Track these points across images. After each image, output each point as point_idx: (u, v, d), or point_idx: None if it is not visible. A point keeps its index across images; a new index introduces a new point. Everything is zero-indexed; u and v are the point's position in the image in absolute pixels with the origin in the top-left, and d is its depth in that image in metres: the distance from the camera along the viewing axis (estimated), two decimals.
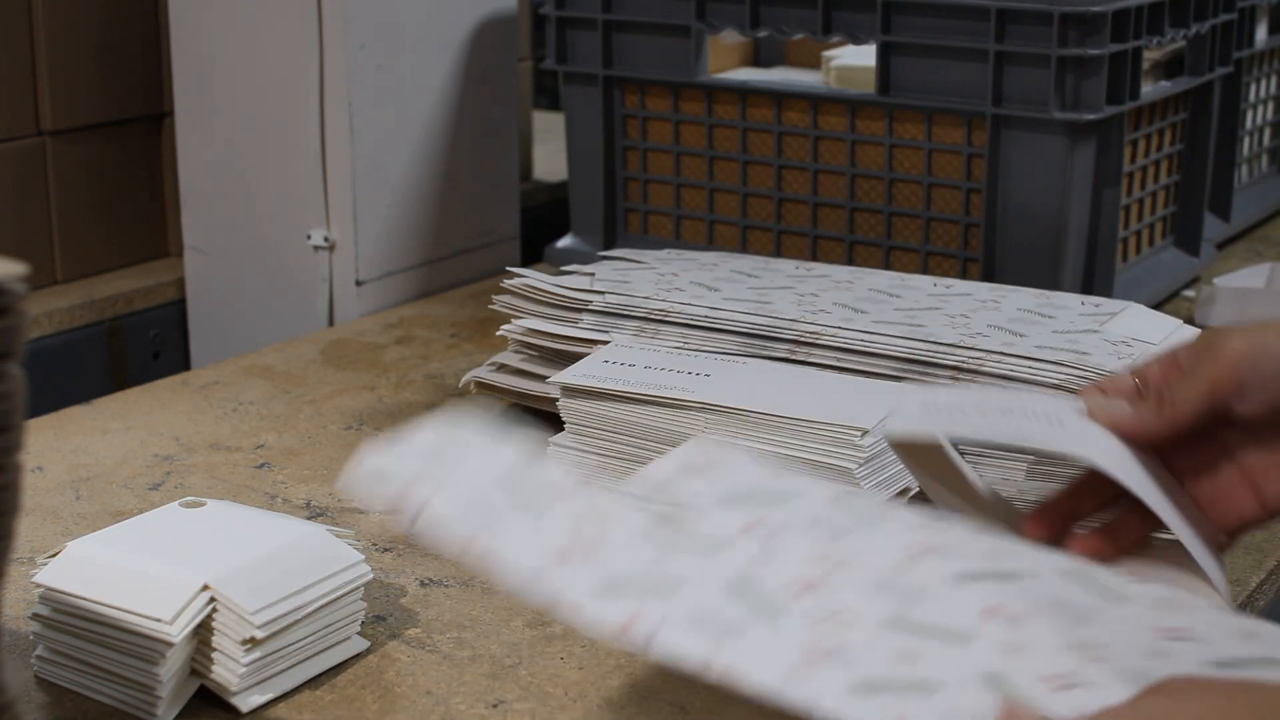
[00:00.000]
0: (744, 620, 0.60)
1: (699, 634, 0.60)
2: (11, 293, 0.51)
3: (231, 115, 1.45)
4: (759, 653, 0.59)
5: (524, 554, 0.63)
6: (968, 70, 1.22)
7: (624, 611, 0.60)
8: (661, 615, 0.60)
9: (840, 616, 0.60)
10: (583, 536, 0.64)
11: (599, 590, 0.61)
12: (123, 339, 1.54)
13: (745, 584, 0.62)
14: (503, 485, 0.65)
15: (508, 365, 1.10)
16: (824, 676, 0.57)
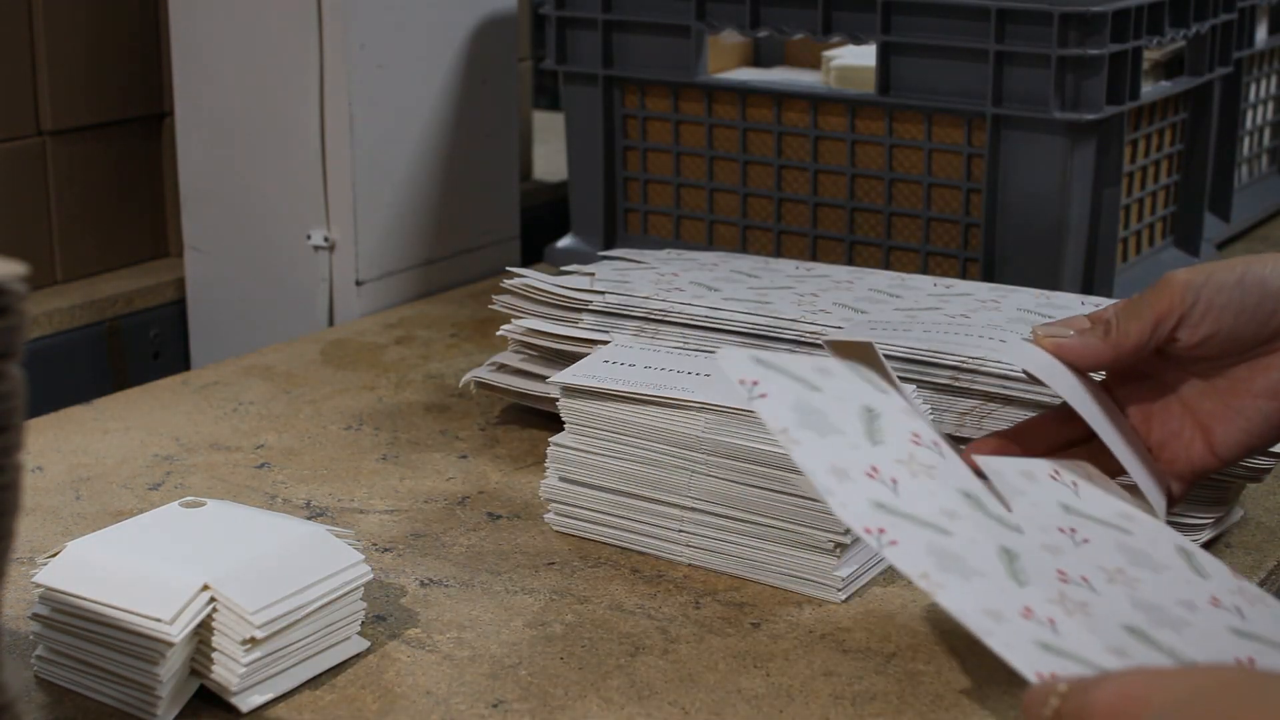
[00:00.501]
0: (991, 569, 0.65)
1: (938, 561, 0.64)
2: (11, 293, 0.51)
3: (231, 115, 1.45)
4: (979, 593, 0.64)
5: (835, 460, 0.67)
6: (968, 70, 1.22)
7: (873, 521, 0.65)
8: (911, 538, 0.65)
9: (1086, 608, 0.65)
10: (903, 465, 0.69)
11: (875, 506, 0.66)
12: (123, 339, 1.54)
13: (1012, 555, 0.67)
14: (865, 411, 0.70)
15: (508, 365, 1.10)
16: (1024, 629, 0.62)
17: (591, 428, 0.93)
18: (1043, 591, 0.65)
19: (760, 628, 0.84)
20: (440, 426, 1.12)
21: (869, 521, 0.65)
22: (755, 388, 0.68)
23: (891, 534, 0.65)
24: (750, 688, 0.78)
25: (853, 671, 0.80)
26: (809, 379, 0.70)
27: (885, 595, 0.88)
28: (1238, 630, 0.67)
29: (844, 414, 0.70)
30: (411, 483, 1.03)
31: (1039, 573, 0.66)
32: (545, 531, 0.95)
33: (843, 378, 0.72)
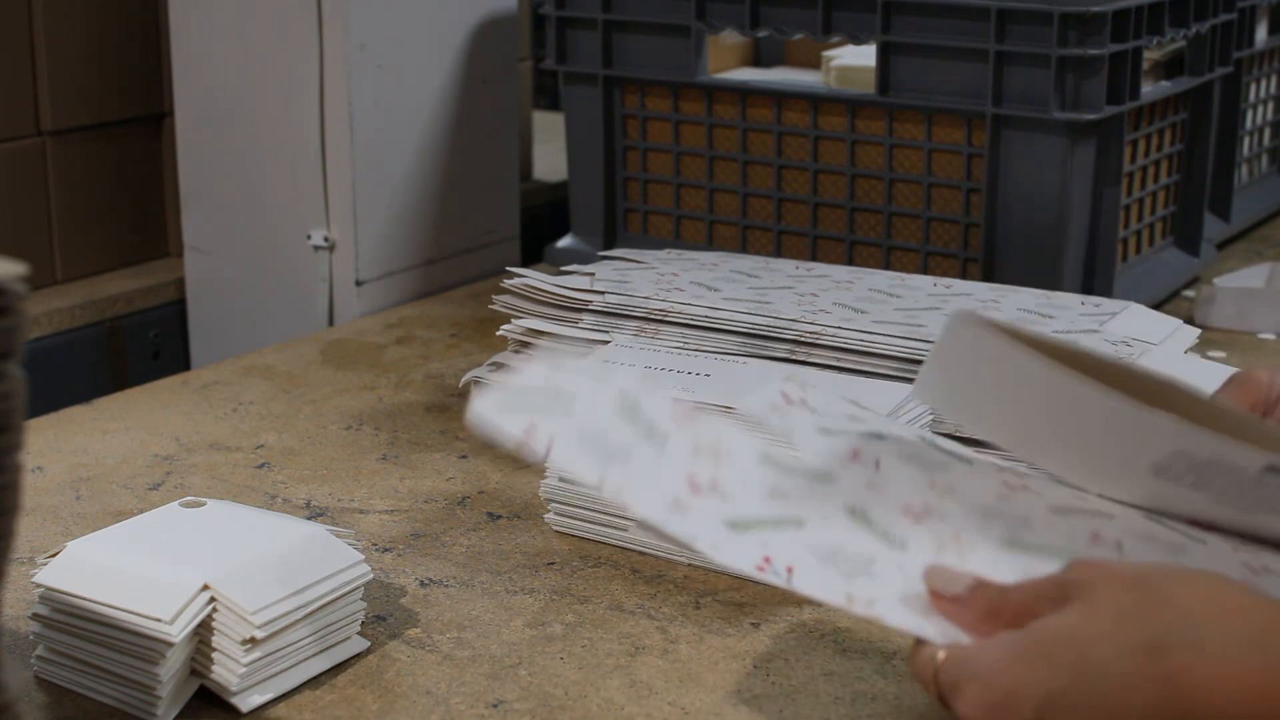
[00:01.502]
0: (873, 551, 0.64)
1: (833, 569, 0.63)
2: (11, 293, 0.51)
3: (231, 115, 1.45)
4: (889, 583, 0.63)
5: (653, 491, 0.64)
6: (968, 70, 1.22)
7: (756, 553, 0.63)
8: (792, 555, 0.63)
9: (960, 540, 0.64)
10: (705, 467, 0.65)
11: (729, 528, 0.63)
12: (123, 339, 1.54)
13: (863, 514, 0.65)
14: (621, 412, 0.66)
15: (508, 365, 1.10)
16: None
17: None
18: (919, 541, 0.64)
19: (760, 628, 0.84)
20: (440, 426, 1.12)
21: (749, 556, 0.62)
22: (543, 444, 0.64)
23: (779, 559, 0.63)
24: (750, 688, 0.78)
25: (853, 671, 0.80)
26: (565, 394, 0.66)
27: None
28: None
29: (615, 420, 0.66)
30: (411, 483, 1.03)
31: (888, 518, 0.65)
32: (545, 531, 0.95)
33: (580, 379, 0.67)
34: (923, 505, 0.65)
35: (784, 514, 0.64)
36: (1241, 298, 1.30)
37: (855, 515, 0.65)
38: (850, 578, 0.63)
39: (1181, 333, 1.04)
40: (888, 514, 0.65)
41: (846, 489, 0.66)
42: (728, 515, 0.64)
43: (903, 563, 0.63)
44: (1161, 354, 0.99)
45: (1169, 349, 1.01)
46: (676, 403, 0.67)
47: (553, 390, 0.65)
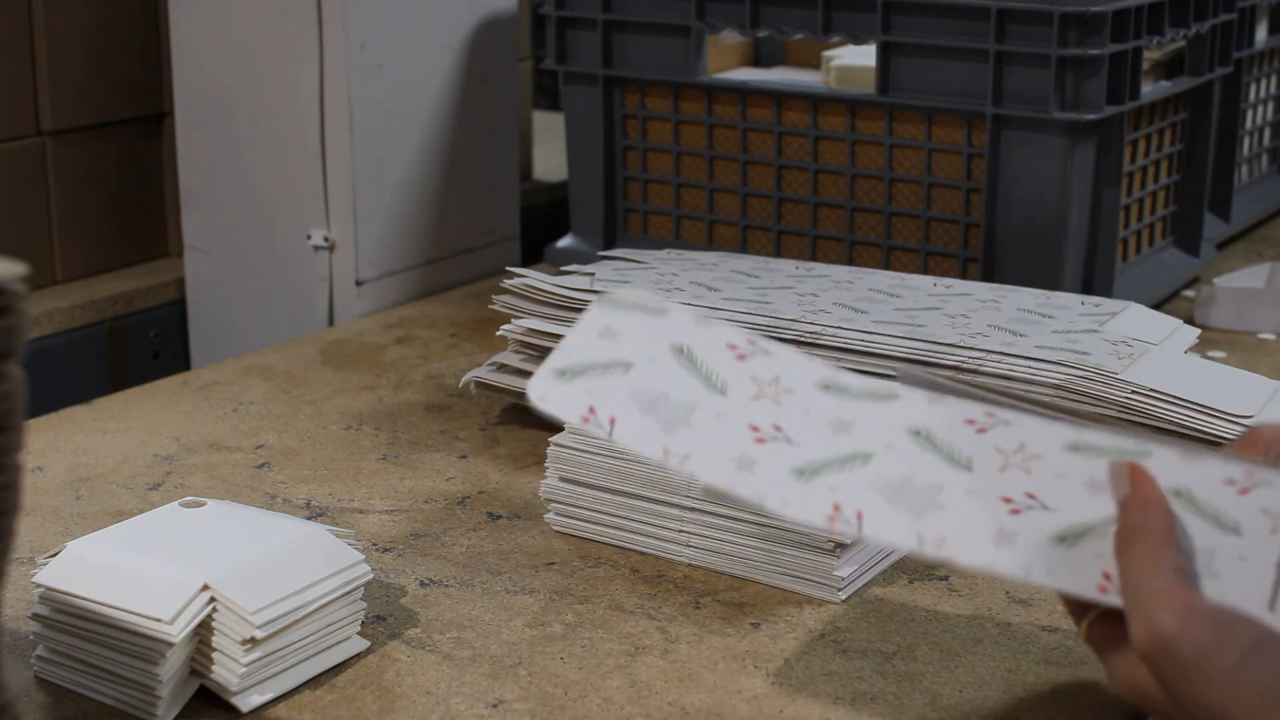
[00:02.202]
0: (940, 478, 0.64)
1: (901, 507, 0.63)
2: (11, 293, 0.51)
3: (231, 115, 1.45)
4: (958, 514, 0.63)
5: (719, 453, 0.64)
6: (968, 70, 1.22)
7: (826, 502, 0.64)
8: (861, 498, 0.64)
9: (1025, 450, 0.65)
10: (766, 411, 0.66)
11: (797, 477, 0.64)
12: (123, 339, 1.54)
13: (927, 433, 0.65)
14: (679, 363, 0.66)
15: (508, 365, 1.10)
16: (1026, 537, 0.63)
17: None
18: (987, 464, 0.64)
19: (760, 628, 0.84)
20: (440, 426, 1.12)
21: (820, 505, 0.63)
22: (605, 425, 0.65)
23: (848, 505, 0.64)
24: (750, 688, 0.78)
25: (853, 671, 0.80)
26: (620, 360, 0.66)
27: (885, 595, 0.88)
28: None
29: (674, 375, 0.66)
30: (411, 483, 1.03)
31: (961, 440, 0.65)
32: (545, 531, 0.95)
33: (636, 335, 0.68)
34: (985, 415, 0.65)
35: (850, 449, 0.65)
36: (1241, 298, 1.30)
37: (920, 436, 0.65)
38: (919, 514, 0.63)
39: (1181, 333, 1.04)
40: (951, 428, 0.65)
41: (909, 407, 0.66)
42: (794, 462, 0.64)
43: (970, 485, 0.64)
44: (1161, 354, 0.99)
45: (1169, 349, 1.01)
46: (731, 338, 0.67)
47: (608, 351, 0.65)
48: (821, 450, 0.65)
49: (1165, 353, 0.99)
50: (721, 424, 0.65)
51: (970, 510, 0.64)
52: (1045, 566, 0.63)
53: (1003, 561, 0.63)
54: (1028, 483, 0.64)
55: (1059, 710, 0.77)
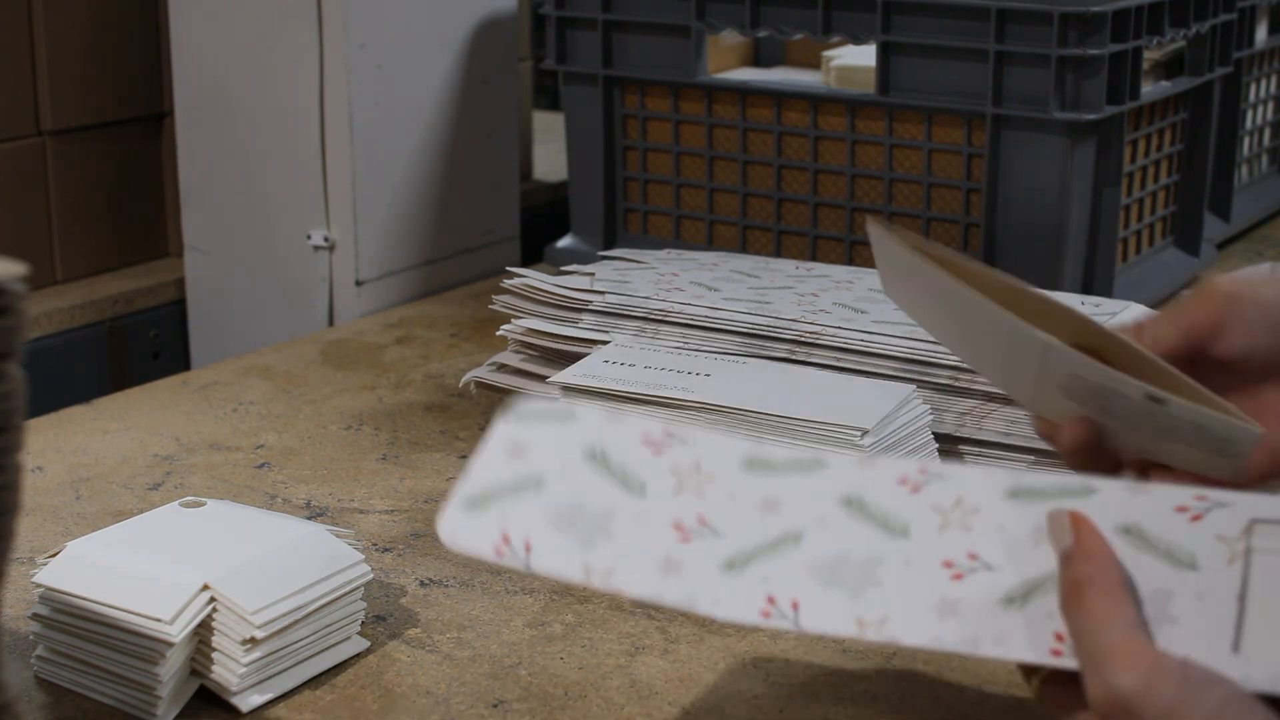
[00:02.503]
0: (876, 549, 0.61)
1: (839, 589, 0.60)
2: (11, 293, 0.51)
3: (231, 115, 1.45)
4: (898, 589, 0.60)
5: (642, 561, 0.61)
6: (968, 70, 1.22)
7: (760, 595, 0.60)
8: (795, 586, 0.60)
9: (963, 504, 0.61)
10: (689, 504, 0.62)
11: (726, 571, 0.60)
12: (123, 339, 1.54)
13: (859, 501, 0.62)
14: (593, 467, 0.62)
15: (508, 365, 1.10)
16: (971, 604, 0.60)
17: None
18: (924, 525, 0.61)
19: (760, 628, 0.84)
20: (440, 426, 1.12)
21: (752, 602, 0.60)
22: (521, 553, 0.61)
23: (782, 595, 0.60)
24: (750, 688, 0.78)
25: (853, 671, 0.80)
26: (530, 476, 0.62)
27: None
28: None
29: (589, 483, 0.62)
30: (411, 483, 1.03)
31: (895, 504, 0.62)
32: None
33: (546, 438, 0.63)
34: (917, 472, 0.62)
35: (780, 531, 0.61)
36: None
37: (851, 505, 0.62)
38: (856, 594, 0.60)
39: None
40: (883, 491, 0.61)
41: (838, 474, 0.62)
42: (723, 555, 0.61)
43: (908, 554, 0.60)
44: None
45: None
46: (646, 432, 0.63)
47: (517, 470, 0.62)
48: (751, 536, 0.61)
49: None
50: (643, 527, 0.61)
51: (910, 582, 0.60)
52: (993, 635, 0.59)
53: (947, 636, 0.59)
54: (968, 541, 0.61)
55: None
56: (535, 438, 0.62)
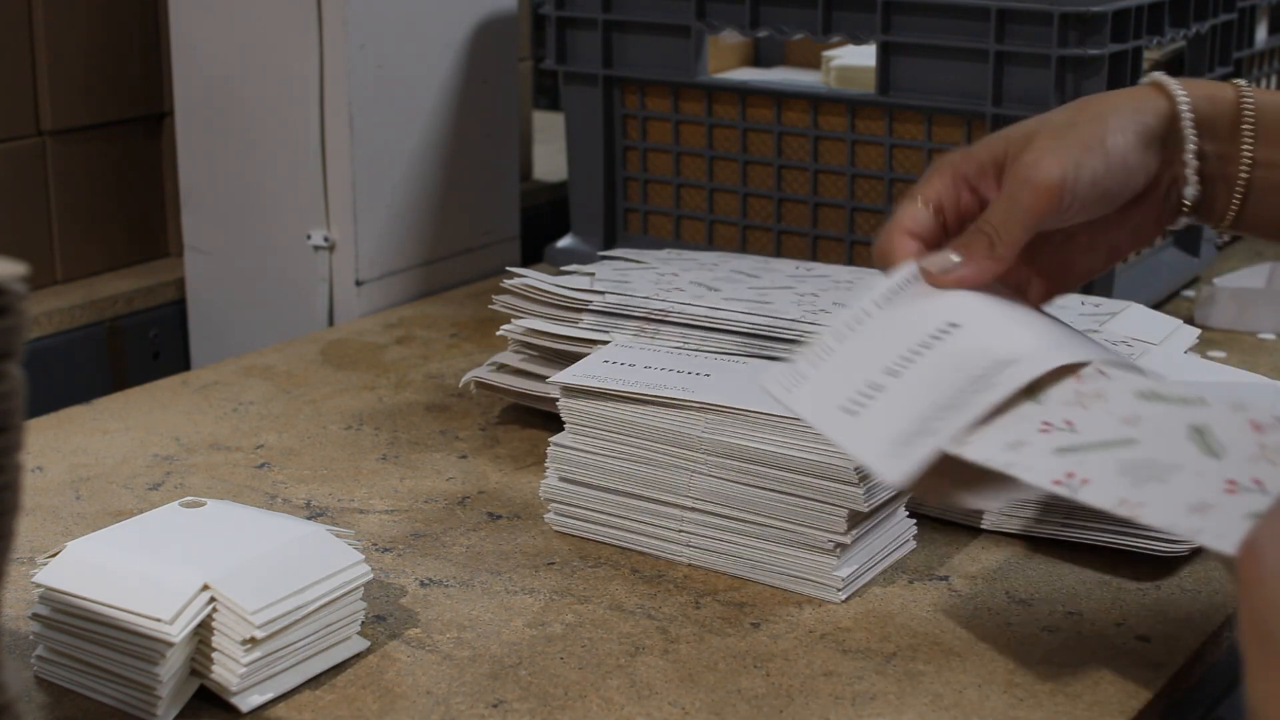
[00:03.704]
0: (1186, 460, 0.64)
1: (1128, 479, 0.64)
2: (11, 293, 0.51)
3: (231, 115, 1.45)
4: (1177, 490, 0.63)
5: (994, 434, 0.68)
6: (968, 70, 1.22)
7: (1060, 470, 0.66)
8: (1098, 470, 0.65)
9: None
10: (1070, 410, 0.69)
11: (1056, 454, 0.67)
12: (123, 339, 1.54)
13: (1205, 430, 0.65)
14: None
15: (508, 365, 1.10)
16: (1222, 511, 0.62)
17: (591, 428, 0.93)
18: (1241, 454, 0.63)
19: (760, 628, 0.84)
20: (440, 426, 1.12)
21: (1055, 472, 0.65)
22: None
23: (1081, 473, 0.65)
24: (750, 688, 0.78)
25: (853, 671, 0.80)
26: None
27: (885, 595, 0.88)
28: None
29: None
30: (411, 483, 1.03)
31: (1233, 437, 0.64)
32: (545, 531, 0.95)
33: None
34: (1271, 420, 0.64)
35: (1121, 436, 0.66)
36: (1241, 298, 1.30)
37: (1196, 432, 0.65)
38: (1139, 485, 0.64)
39: (1181, 333, 1.04)
40: (1232, 430, 0.64)
41: (1212, 409, 0.66)
42: (1062, 443, 0.67)
43: (1206, 469, 0.63)
44: (1161, 354, 0.99)
45: (1169, 349, 1.01)
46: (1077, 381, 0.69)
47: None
48: (1097, 435, 0.67)
49: (1165, 353, 0.99)
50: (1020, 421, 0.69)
51: (1190, 486, 0.63)
52: (1216, 531, 0.61)
53: (1182, 524, 0.62)
54: (1265, 472, 0.63)
55: (1059, 710, 0.77)
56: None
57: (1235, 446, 0.64)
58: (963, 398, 0.70)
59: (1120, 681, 0.79)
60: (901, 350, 0.73)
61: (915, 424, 0.70)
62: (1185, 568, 0.91)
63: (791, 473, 0.86)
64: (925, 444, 0.69)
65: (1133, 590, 0.88)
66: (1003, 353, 0.71)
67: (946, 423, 0.69)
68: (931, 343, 0.72)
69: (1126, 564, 0.91)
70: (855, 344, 0.74)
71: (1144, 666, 0.81)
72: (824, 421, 0.72)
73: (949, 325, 0.73)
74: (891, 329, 0.73)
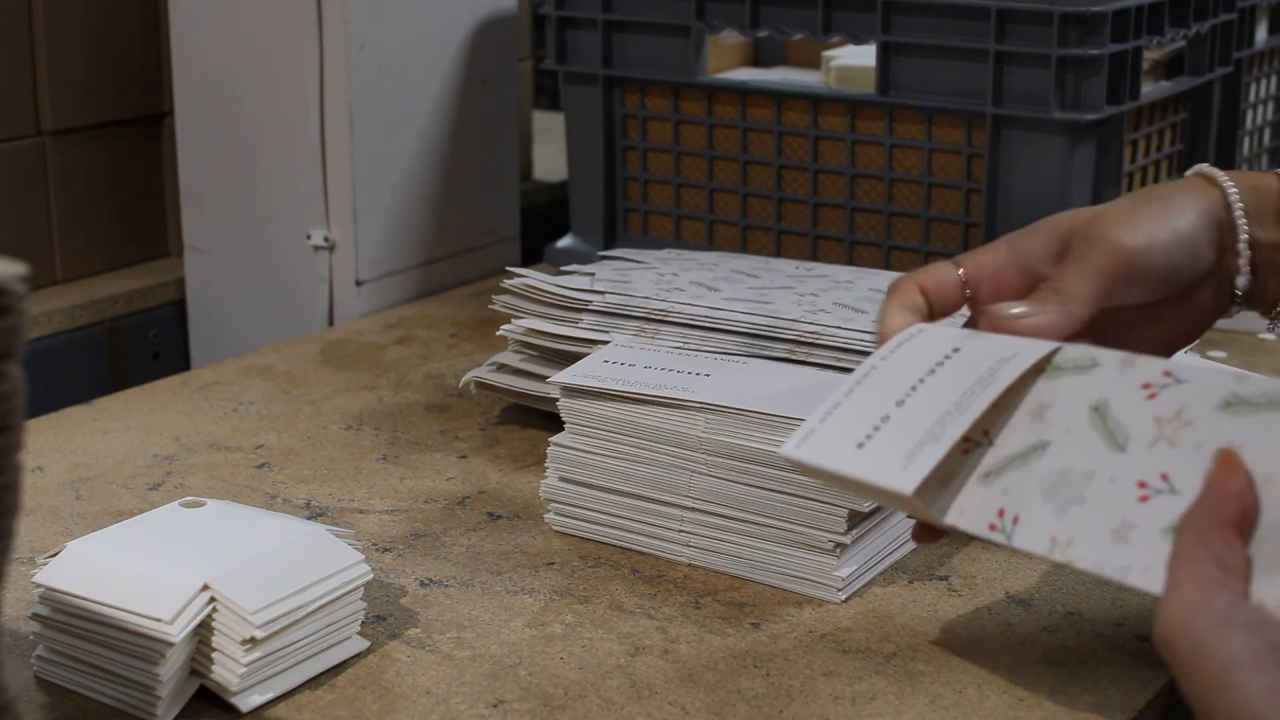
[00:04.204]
0: (1093, 464, 0.66)
1: (1051, 505, 0.66)
2: (11, 293, 0.51)
3: (231, 115, 1.45)
4: (1097, 509, 0.65)
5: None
6: (968, 70, 1.22)
7: (994, 507, 0.68)
8: (1024, 497, 0.67)
9: (1181, 416, 0.65)
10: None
11: (981, 481, 0.69)
12: (123, 339, 1.54)
13: (1104, 407, 0.67)
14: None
15: (508, 365, 1.10)
16: (1142, 532, 0.63)
17: (591, 428, 0.93)
18: (1142, 437, 0.65)
19: (760, 628, 0.84)
20: (440, 426, 1.12)
21: (989, 514, 0.67)
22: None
23: (1011, 508, 0.67)
24: (750, 688, 0.78)
25: (853, 671, 0.80)
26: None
27: (885, 595, 0.88)
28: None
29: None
30: (411, 483, 1.03)
31: (1131, 414, 0.66)
32: (545, 531, 0.95)
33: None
34: (1162, 375, 0.66)
35: (1037, 439, 0.68)
36: None
37: (1097, 412, 0.67)
38: (1062, 512, 0.65)
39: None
40: (1127, 396, 0.66)
41: (1103, 375, 0.68)
42: (989, 464, 0.68)
43: (1116, 472, 0.64)
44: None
45: None
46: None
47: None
48: (1017, 443, 0.68)
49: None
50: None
51: (1106, 500, 0.64)
52: (1143, 565, 0.62)
53: (1108, 563, 0.63)
54: (1168, 458, 0.64)
55: (1059, 710, 0.77)
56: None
57: (1135, 427, 0.65)
58: (967, 399, 0.70)
59: (1120, 681, 0.79)
60: (907, 384, 0.73)
61: (923, 434, 0.71)
62: None
63: (791, 473, 0.86)
64: (933, 450, 0.70)
65: (1133, 590, 0.88)
66: (1005, 353, 0.72)
67: (953, 425, 0.70)
68: (935, 369, 0.73)
69: None
70: (862, 393, 0.74)
71: (1144, 666, 0.81)
72: (836, 461, 0.72)
73: (951, 351, 0.74)
74: (895, 372, 0.74)
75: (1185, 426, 0.64)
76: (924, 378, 0.73)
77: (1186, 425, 0.64)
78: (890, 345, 0.76)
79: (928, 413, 0.72)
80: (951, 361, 0.73)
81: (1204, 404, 0.64)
